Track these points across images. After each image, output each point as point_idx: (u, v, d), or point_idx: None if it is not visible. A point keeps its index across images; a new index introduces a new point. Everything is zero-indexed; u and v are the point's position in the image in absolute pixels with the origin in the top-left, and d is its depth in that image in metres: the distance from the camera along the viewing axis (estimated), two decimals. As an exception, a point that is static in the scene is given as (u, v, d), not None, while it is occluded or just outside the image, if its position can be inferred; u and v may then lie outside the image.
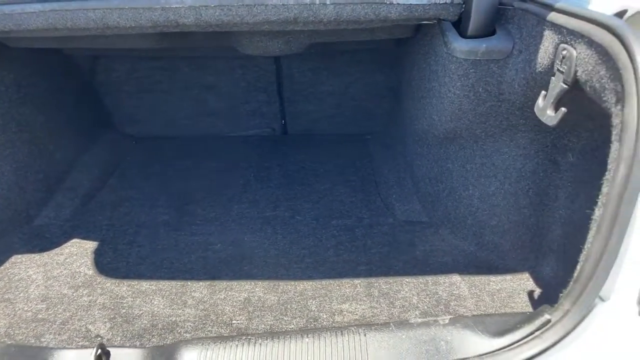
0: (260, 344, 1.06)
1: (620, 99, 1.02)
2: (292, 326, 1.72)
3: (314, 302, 1.81)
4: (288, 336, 1.09)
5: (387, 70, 2.76)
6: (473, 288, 1.88)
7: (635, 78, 0.97)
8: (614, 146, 1.04)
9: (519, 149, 1.87)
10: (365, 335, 1.09)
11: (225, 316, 1.76)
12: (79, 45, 2.10)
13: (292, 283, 1.90)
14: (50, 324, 1.69)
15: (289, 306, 1.80)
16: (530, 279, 1.91)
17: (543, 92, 1.45)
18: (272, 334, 1.10)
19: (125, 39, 1.99)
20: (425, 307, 1.79)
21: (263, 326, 1.73)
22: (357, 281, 1.92)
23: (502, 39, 1.67)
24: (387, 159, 2.77)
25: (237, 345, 1.06)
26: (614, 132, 1.04)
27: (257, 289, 1.87)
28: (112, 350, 1.14)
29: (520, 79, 1.64)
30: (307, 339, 1.08)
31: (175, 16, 1.64)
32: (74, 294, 1.82)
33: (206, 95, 2.88)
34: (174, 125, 2.97)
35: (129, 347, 1.36)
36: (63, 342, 1.62)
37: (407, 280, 1.92)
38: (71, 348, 1.22)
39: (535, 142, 1.81)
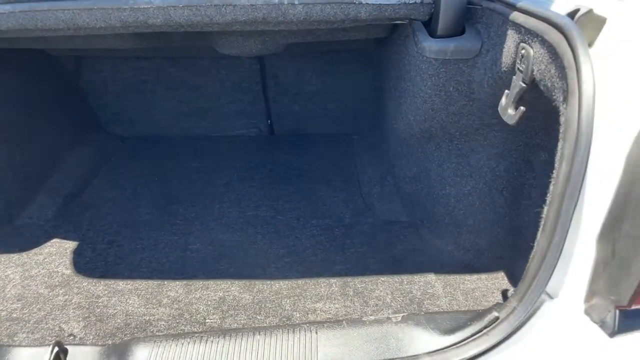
0: (212, 341, 1.07)
1: (566, 97, 1.03)
2: (265, 325, 1.73)
3: (288, 301, 1.82)
4: (240, 333, 1.10)
5: (371, 70, 2.77)
6: (448, 287, 1.89)
7: (578, 77, 0.98)
8: (560, 144, 1.04)
9: (492, 148, 1.87)
10: (316, 332, 1.10)
11: (199, 315, 1.77)
12: (58, 45, 2.11)
13: (268, 282, 1.91)
14: (24, 323, 1.71)
15: (263, 305, 1.81)
16: (505, 278, 1.92)
17: (506, 91, 1.45)
18: (225, 332, 1.11)
19: (104, 39, 2.01)
20: (399, 306, 1.80)
21: (236, 325, 1.74)
22: (333, 280, 1.93)
23: (471, 39, 1.68)
24: (371, 159, 2.78)
25: (188, 343, 1.07)
26: (560, 130, 1.05)
27: (233, 288, 1.88)
28: (69, 348, 1.15)
29: (489, 78, 1.64)
30: (258, 337, 1.09)
31: (144, 16, 1.65)
32: (50, 294, 1.84)
33: (192, 96, 2.90)
34: (160, 125, 2.99)
35: (87, 344, 1.38)
36: (36, 341, 1.64)
37: (382, 279, 1.92)
38: (31, 346, 1.24)
39: (508, 141, 1.82)
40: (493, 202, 1.95)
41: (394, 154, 2.49)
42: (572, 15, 1.16)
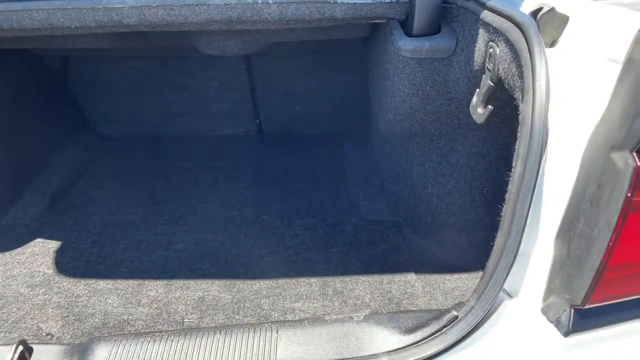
0: (172, 340, 1.08)
1: (524, 95, 1.02)
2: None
3: (267, 301, 1.83)
4: (201, 332, 1.11)
5: (357, 70, 2.76)
6: (427, 286, 1.88)
7: (532, 75, 0.98)
8: (517, 143, 1.04)
9: (472, 148, 1.87)
10: (277, 332, 1.10)
11: (177, 315, 1.77)
12: (40, 45, 2.12)
13: (249, 282, 1.92)
14: (2, 322, 1.71)
15: (242, 305, 1.81)
16: (486, 278, 1.91)
17: (477, 90, 1.45)
18: (186, 330, 1.12)
19: (85, 39, 2.01)
20: (377, 306, 1.80)
21: (214, 324, 1.74)
22: (313, 280, 1.93)
23: (446, 38, 1.68)
24: (359, 158, 2.77)
25: (148, 342, 1.08)
26: (518, 129, 1.05)
27: (212, 288, 1.89)
28: (35, 347, 1.16)
29: (464, 77, 1.64)
30: (219, 336, 1.09)
31: (118, 16, 1.66)
32: (30, 293, 1.85)
33: (180, 95, 2.90)
34: (147, 125, 2.99)
35: (52, 343, 1.38)
36: (13, 340, 1.64)
37: (362, 278, 1.92)
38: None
39: (487, 140, 1.81)
40: (473, 201, 1.94)
41: (379, 153, 2.49)
42: (535, 13, 1.16)
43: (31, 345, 1.16)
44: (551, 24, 1.13)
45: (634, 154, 0.85)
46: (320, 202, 2.44)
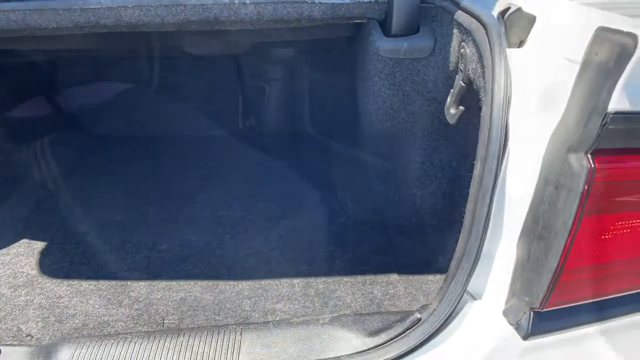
0: (135, 342, 1.08)
1: (485, 97, 1.02)
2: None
3: (248, 302, 1.82)
4: (164, 335, 1.11)
5: (346, 69, 2.76)
6: (409, 287, 1.88)
7: (492, 77, 0.97)
8: (478, 145, 1.04)
9: (454, 148, 1.86)
10: (241, 334, 1.10)
11: (158, 316, 1.77)
12: (20, 46, 2.12)
13: (231, 283, 1.91)
14: None
15: (223, 306, 1.81)
16: (469, 279, 1.90)
17: (451, 90, 1.45)
18: (150, 333, 1.12)
19: (67, 39, 2.00)
20: (358, 307, 1.79)
21: (193, 325, 1.74)
22: (295, 281, 1.92)
23: (424, 38, 1.67)
24: (348, 158, 2.77)
25: (112, 344, 1.08)
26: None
27: (195, 289, 1.88)
28: (2, 348, 1.16)
29: (442, 77, 1.63)
30: (182, 338, 1.09)
31: (95, 17, 1.66)
32: (12, 294, 1.85)
33: (170, 96, 2.90)
34: (137, 125, 2.99)
35: (19, 345, 1.39)
36: (-7, 341, 1.65)
37: (345, 279, 1.92)
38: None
39: (469, 141, 1.80)
40: (456, 202, 1.94)
41: (366, 153, 2.48)
42: (503, 13, 1.15)
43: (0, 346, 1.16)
44: (518, 24, 1.12)
45: (589, 155, 0.84)
46: (309, 203, 2.43)
